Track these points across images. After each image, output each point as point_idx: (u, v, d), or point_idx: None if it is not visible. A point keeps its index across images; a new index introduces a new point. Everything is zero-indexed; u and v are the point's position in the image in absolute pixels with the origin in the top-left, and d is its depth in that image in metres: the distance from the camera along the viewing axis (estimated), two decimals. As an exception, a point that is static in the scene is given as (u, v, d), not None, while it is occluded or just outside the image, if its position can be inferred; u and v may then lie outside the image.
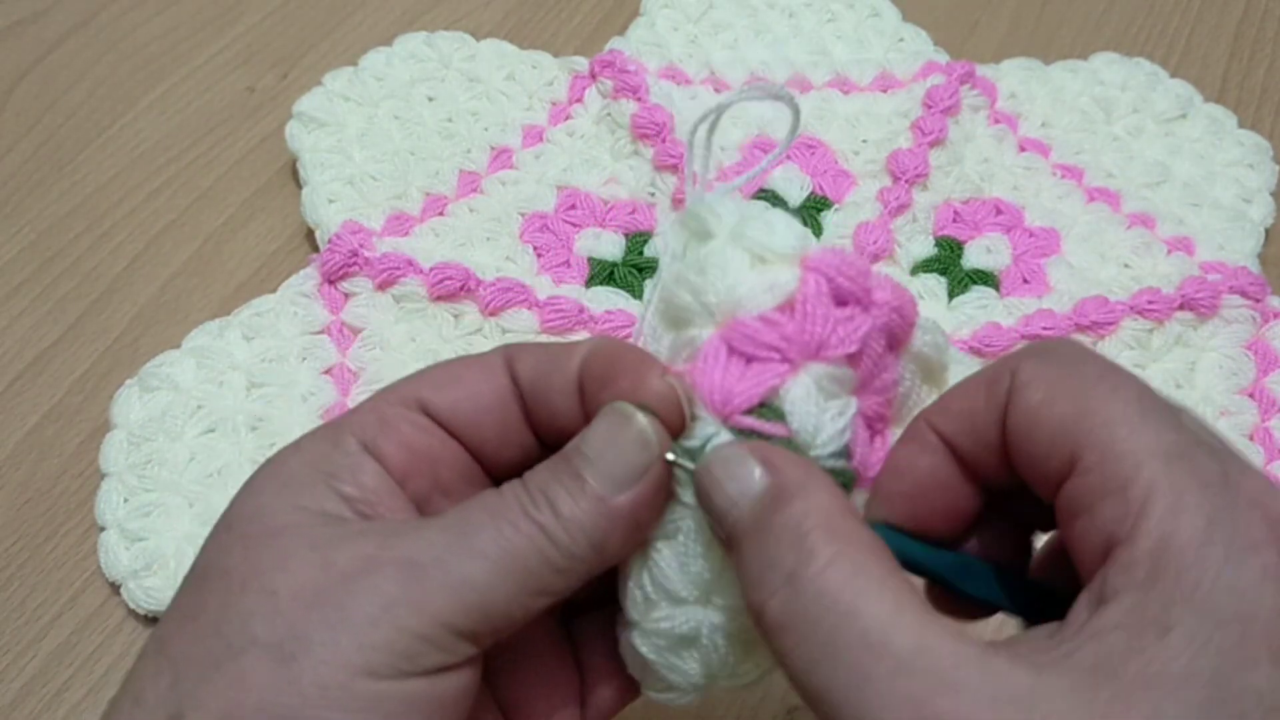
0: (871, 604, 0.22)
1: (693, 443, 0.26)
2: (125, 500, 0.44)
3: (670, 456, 0.25)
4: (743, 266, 0.26)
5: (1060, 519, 0.23)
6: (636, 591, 0.27)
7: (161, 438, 0.45)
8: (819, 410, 0.25)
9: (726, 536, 0.25)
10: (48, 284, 0.52)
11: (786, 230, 0.26)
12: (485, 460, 0.28)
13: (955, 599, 0.27)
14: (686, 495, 0.26)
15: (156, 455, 0.45)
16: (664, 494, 0.26)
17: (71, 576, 0.44)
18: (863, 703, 0.21)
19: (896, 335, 0.28)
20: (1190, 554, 0.21)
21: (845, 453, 0.26)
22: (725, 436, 0.25)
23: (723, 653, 0.26)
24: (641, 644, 0.27)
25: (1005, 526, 0.28)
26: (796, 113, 0.28)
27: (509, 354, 0.28)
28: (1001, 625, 0.28)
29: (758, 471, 0.24)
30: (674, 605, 0.26)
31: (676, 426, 0.26)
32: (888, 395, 0.28)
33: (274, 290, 0.50)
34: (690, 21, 0.61)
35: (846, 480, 0.26)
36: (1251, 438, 0.47)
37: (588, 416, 0.27)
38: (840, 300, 0.26)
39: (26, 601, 0.43)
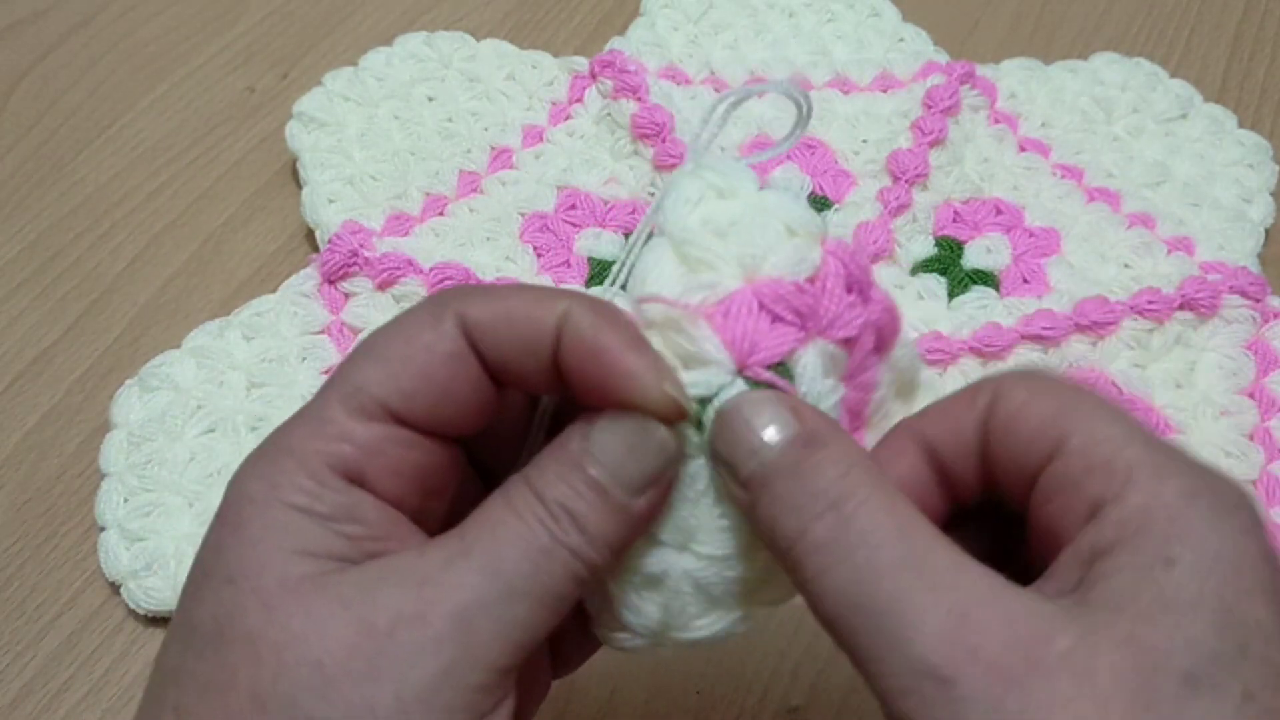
0: (914, 529, 0.23)
1: (701, 390, 0.26)
2: (125, 500, 0.44)
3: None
4: (779, 233, 0.27)
5: (1035, 502, 0.25)
6: None
7: (161, 438, 0.45)
8: (824, 382, 0.27)
9: (748, 477, 0.25)
10: (48, 284, 0.52)
11: (812, 212, 0.27)
12: (460, 434, 0.27)
13: None
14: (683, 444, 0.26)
15: (156, 455, 0.45)
16: (670, 491, 0.26)
17: (71, 576, 0.44)
18: (905, 614, 0.22)
19: (883, 337, 0.29)
20: (1178, 508, 0.22)
21: None
22: (739, 386, 0.26)
23: (685, 600, 0.27)
24: (609, 578, 0.27)
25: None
26: (807, 110, 0.29)
27: (464, 320, 0.25)
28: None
29: (785, 416, 0.25)
30: (651, 545, 0.27)
31: (676, 420, 0.25)
32: (867, 394, 0.29)
33: (274, 290, 0.50)
34: (690, 21, 0.61)
35: None
36: (1251, 438, 0.47)
37: (573, 395, 0.26)
38: (848, 288, 0.27)
39: (26, 601, 0.43)
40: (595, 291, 0.27)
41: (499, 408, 0.27)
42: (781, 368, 0.26)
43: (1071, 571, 0.23)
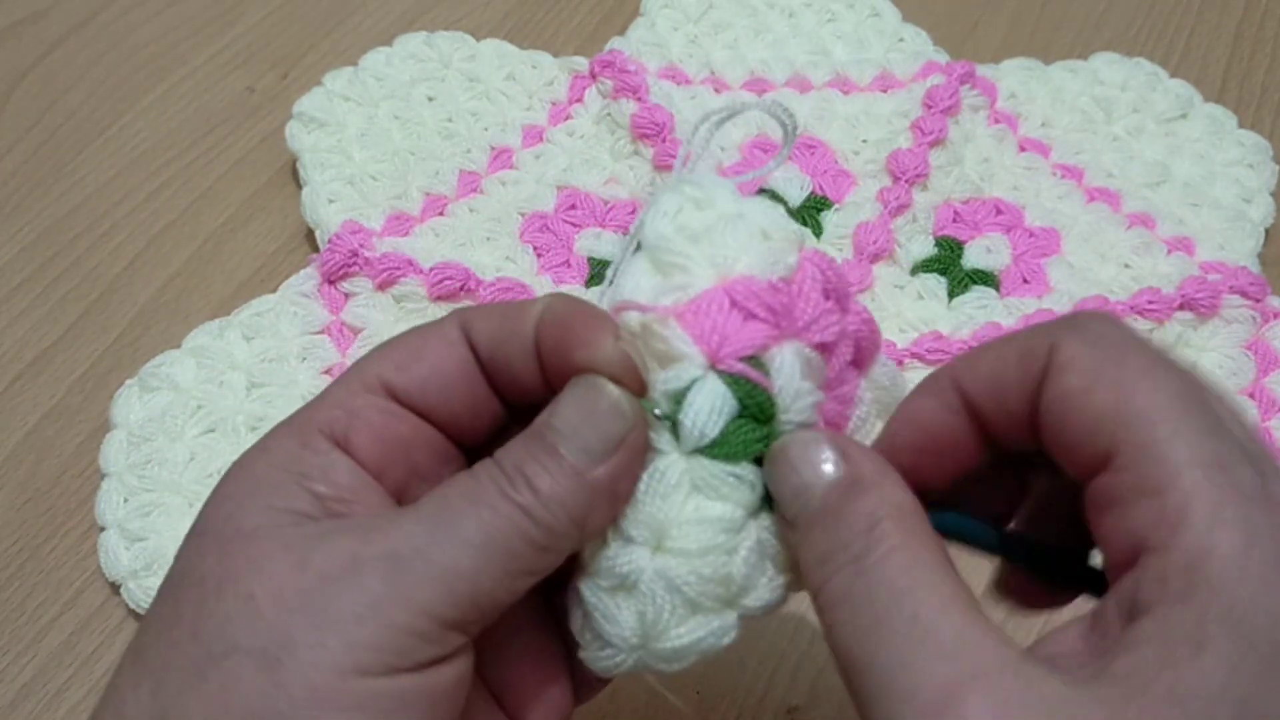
0: (927, 592, 0.22)
1: (676, 385, 0.26)
2: (125, 500, 0.44)
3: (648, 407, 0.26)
4: (754, 236, 0.27)
5: (1090, 507, 0.23)
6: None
7: (161, 438, 0.45)
8: (801, 382, 0.26)
9: (792, 518, 0.25)
10: (48, 284, 0.52)
11: (790, 221, 0.27)
12: (458, 435, 0.28)
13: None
14: (656, 440, 0.26)
15: (156, 455, 0.45)
16: (641, 462, 0.26)
17: (71, 576, 0.44)
18: (902, 680, 0.22)
19: (862, 350, 0.29)
20: (1227, 572, 0.20)
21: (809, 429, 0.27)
22: (711, 379, 0.26)
23: (661, 604, 0.26)
24: (584, 587, 0.27)
25: (1000, 479, 0.28)
26: (793, 129, 0.29)
27: (464, 320, 0.27)
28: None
29: (833, 459, 0.25)
30: (622, 544, 0.26)
31: (634, 387, 0.26)
32: (846, 409, 0.29)
33: (274, 290, 0.50)
34: (690, 21, 0.61)
35: None
36: (1251, 438, 0.47)
37: (549, 381, 0.27)
38: (825, 294, 0.27)
39: (26, 601, 0.43)
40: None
41: (495, 418, 0.28)
42: (756, 362, 0.26)
43: (1107, 625, 0.22)
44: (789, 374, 0.26)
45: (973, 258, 0.52)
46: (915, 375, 0.48)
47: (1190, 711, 0.20)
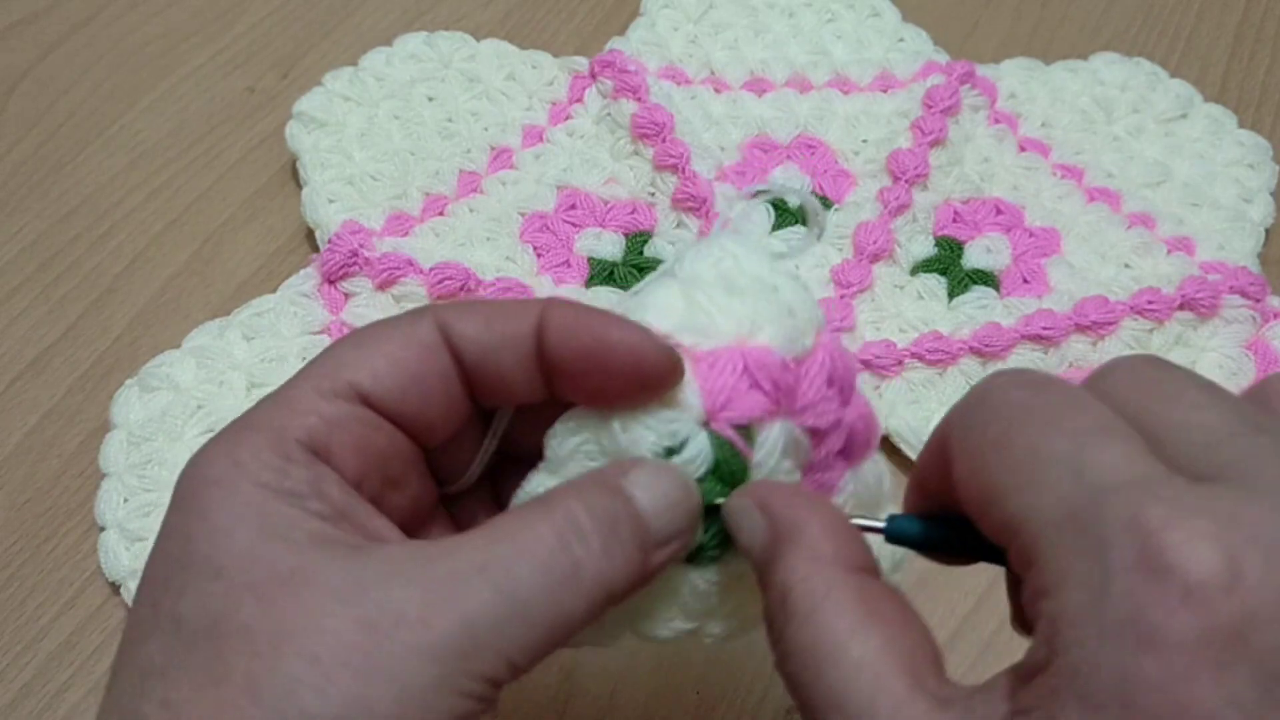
0: (834, 665, 0.22)
1: (668, 442, 0.26)
2: (125, 500, 0.44)
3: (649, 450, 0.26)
4: (782, 310, 0.27)
5: None
6: None
7: (161, 438, 0.45)
8: (780, 459, 0.27)
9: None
10: (48, 284, 0.52)
11: (815, 302, 0.28)
12: (426, 438, 0.27)
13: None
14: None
15: (156, 455, 0.45)
16: (684, 552, 0.27)
17: (71, 576, 0.44)
18: None
19: (855, 443, 0.29)
20: (1071, 635, 0.20)
21: None
22: (701, 438, 0.26)
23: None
24: None
25: None
26: (823, 223, 0.30)
27: (442, 322, 0.26)
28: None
29: (758, 519, 0.25)
30: None
31: (669, 386, 0.26)
32: (824, 493, 0.29)
33: (274, 290, 0.50)
34: (690, 21, 0.61)
35: None
36: (1251, 438, 0.47)
37: (560, 389, 0.26)
38: (829, 381, 0.28)
39: (26, 601, 0.43)
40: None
41: (467, 420, 0.27)
42: (746, 432, 0.27)
43: (1014, 684, 0.22)
44: (770, 450, 0.27)
45: (973, 258, 0.52)
46: (916, 375, 0.48)
47: None
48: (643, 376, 0.26)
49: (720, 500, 0.27)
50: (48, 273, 0.53)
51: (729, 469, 0.27)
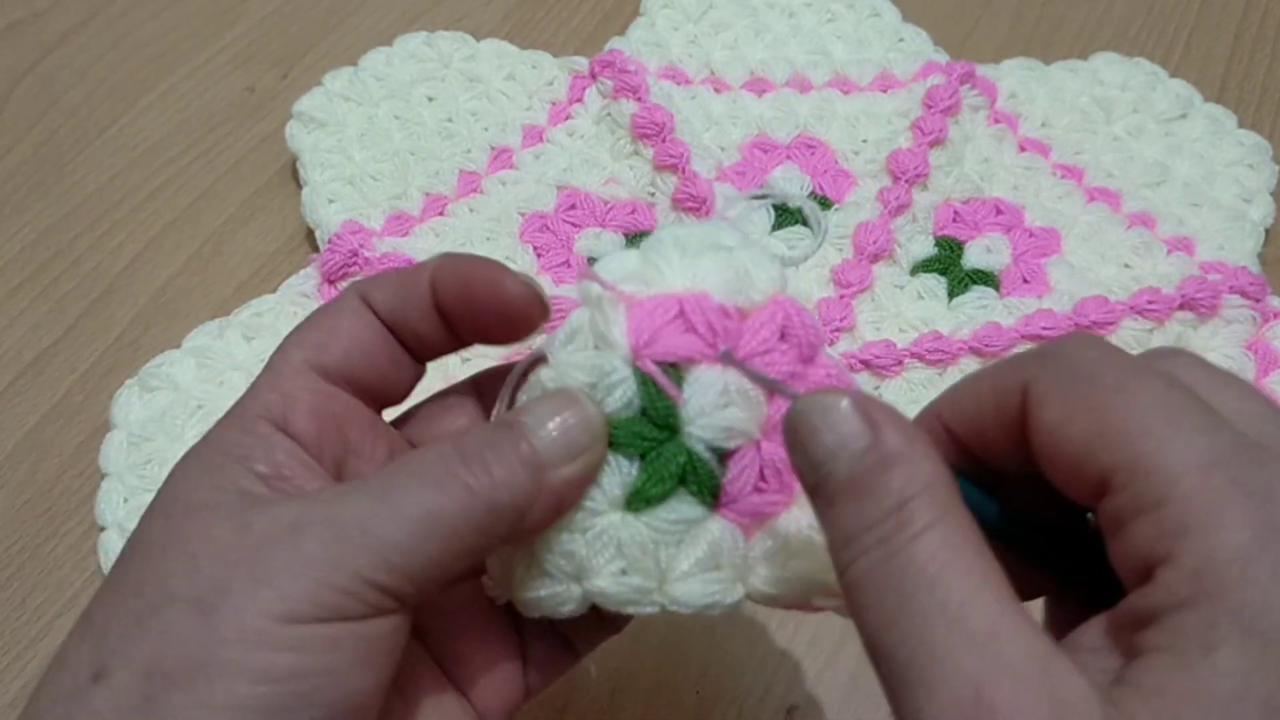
0: (957, 578, 0.22)
1: (592, 378, 0.27)
2: (125, 500, 0.44)
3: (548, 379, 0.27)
4: (733, 267, 0.28)
5: (1105, 535, 0.23)
6: None
7: (161, 438, 0.45)
8: (716, 401, 0.27)
9: (812, 489, 0.24)
10: (48, 284, 0.52)
11: (780, 275, 0.28)
12: (386, 398, 0.30)
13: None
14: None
15: (156, 455, 0.45)
16: (591, 480, 0.27)
17: (71, 576, 0.44)
18: (926, 670, 0.21)
19: None
20: (1235, 573, 0.20)
21: (720, 455, 0.27)
22: (622, 370, 0.27)
23: (515, 560, 0.28)
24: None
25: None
26: (824, 230, 0.30)
27: (362, 291, 0.29)
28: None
29: (860, 426, 0.24)
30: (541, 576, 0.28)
31: (536, 319, 0.28)
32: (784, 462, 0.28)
33: (274, 290, 0.50)
34: (690, 21, 0.61)
35: (705, 486, 0.27)
36: (1251, 438, 0.47)
37: (454, 335, 0.29)
38: (782, 336, 0.28)
39: (26, 601, 0.43)
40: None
41: (416, 375, 0.30)
42: (675, 373, 0.27)
43: (1121, 635, 0.22)
44: (702, 391, 0.27)
45: (973, 258, 0.52)
46: (916, 375, 0.48)
47: (1210, 714, 0.19)
48: (507, 309, 0.28)
49: (649, 442, 0.27)
50: (48, 273, 0.53)
51: (654, 407, 0.27)
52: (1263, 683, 0.19)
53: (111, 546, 0.43)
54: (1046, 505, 0.26)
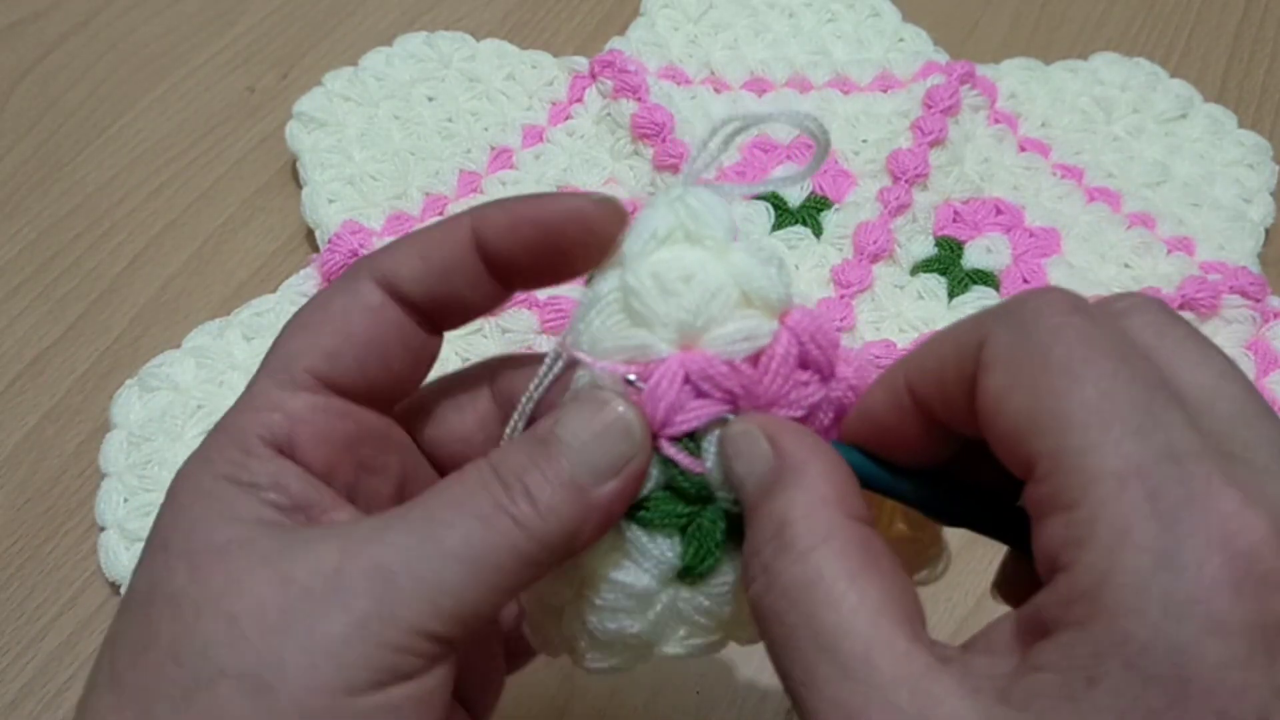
0: (832, 604, 0.22)
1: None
2: (125, 500, 0.44)
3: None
4: (732, 301, 0.25)
5: (1030, 519, 0.22)
6: None
7: (161, 438, 0.45)
8: None
9: (742, 512, 0.25)
10: (48, 284, 0.52)
11: (778, 279, 0.26)
12: (399, 395, 0.27)
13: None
14: None
15: (156, 455, 0.45)
16: (639, 488, 0.25)
17: (71, 576, 0.44)
18: (808, 701, 0.21)
19: (848, 414, 0.28)
20: (1127, 598, 0.19)
21: None
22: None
23: (575, 635, 0.27)
24: (523, 598, 0.28)
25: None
26: (825, 145, 0.27)
27: (379, 274, 0.26)
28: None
29: (764, 448, 0.24)
30: (553, 579, 0.27)
31: (617, 233, 0.26)
32: None
33: (274, 290, 0.50)
34: (690, 21, 0.61)
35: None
36: (1251, 438, 0.47)
37: (523, 284, 0.27)
38: (803, 364, 0.26)
39: (26, 601, 0.43)
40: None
41: (433, 358, 0.27)
42: (691, 440, 0.26)
43: (1024, 638, 0.21)
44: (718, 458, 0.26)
45: (973, 258, 0.52)
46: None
47: None
48: (593, 235, 0.25)
49: (684, 517, 0.26)
50: (48, 273, 0.53)
51: (680, 486, 0.26)
52: (1140, 716, 0.19)
53: (112, 546, 0.43)
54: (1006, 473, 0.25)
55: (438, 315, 0.27)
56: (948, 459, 0.26)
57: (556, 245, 0.26)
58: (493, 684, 0.30)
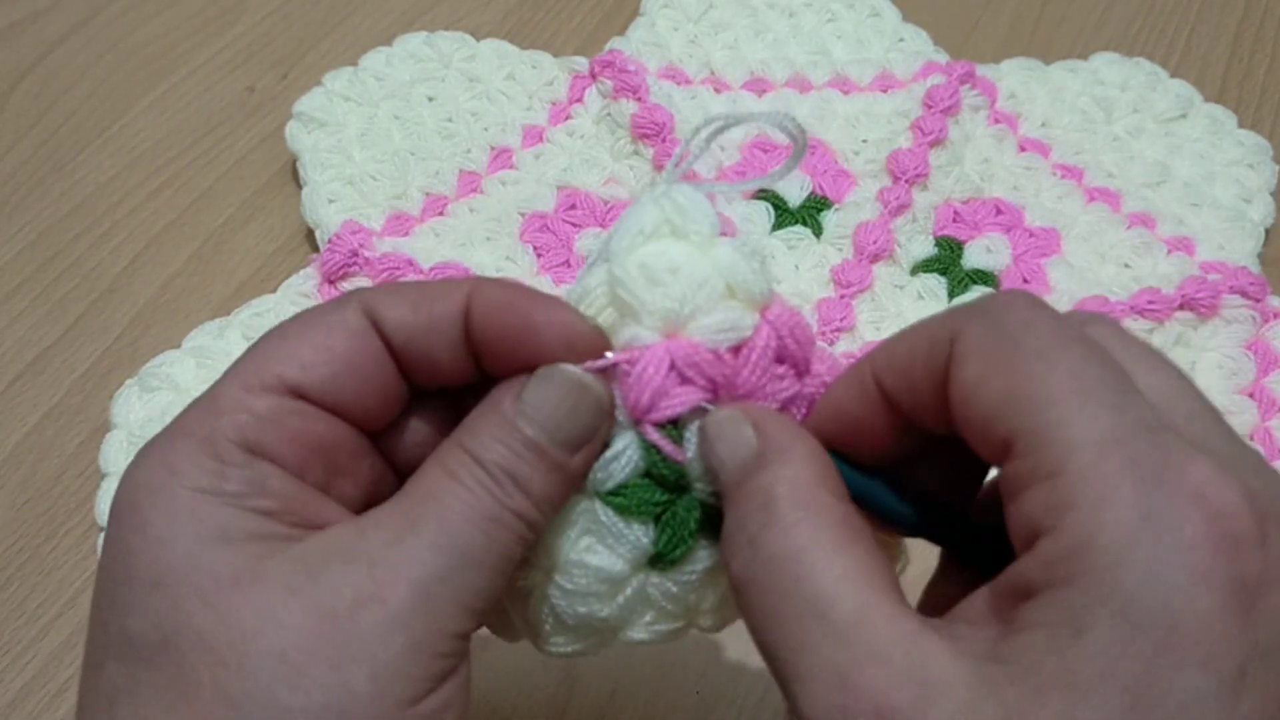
0: (820, 572, 0.22)
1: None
2: (125, 500, 0.44)
3: None
4: (717, 292, 0.26)
5: (1004, 500, 0.23)
6: None
7: (161, 438, 0.45)
8: None
9: (721, 493, 0.26)
10: (48, 284, 0.52)
11: (761, 274, 0.26)
12: (367, 423, 0.27)
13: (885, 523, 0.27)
14: None
15: (156, 455, 0.45)
16: (603, 443, 0.26)
17: (71, 576, 0.44)
18: (798, 665, 0.22)
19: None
20: (1113, 553, 0.20)
21: None
22: (630, 436, 0.26)
23: (541, 620, 0.28)
24: None
25: (955, 456, 0.26)
26: (802, 145, 0.28)
27: (368, 306, 0.26)
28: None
29: (748, 433, 0.25)
30: (523, 564, 0.27)
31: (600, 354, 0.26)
32: None
33: (274, 290, 0.50)
34: (690, 21, 0.61)
35: (720, 530, 0.26)
36: (1252, 437, 0.47)
37: (489, 368, 0.26)
38: (780, 358, 0.27)
39: (26, 601, 0.43)
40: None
41: (404, 401, 0.27)
42: (673, 428, 0.26)
43: (1002, 606, 0.22)
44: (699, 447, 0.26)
45: (973, 258, 0.52)
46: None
47: (1074, 696, 0.19)
48: (569, 352, 0.26)
49: (660, 505, 0.26)
50: (48, 273, 0.53)
51: (660, 472, 0.26)
52: (1128, 668, 0.19)
53: (111, 546, 0.43)
54: (962, 472, 0.26)
55: (411, 366, 0.26)
56: (903, 457, 0.26)
57: (527, 343, 0.26)
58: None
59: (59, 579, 0.44)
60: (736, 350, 0.26)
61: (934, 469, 0.27)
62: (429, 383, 0.27)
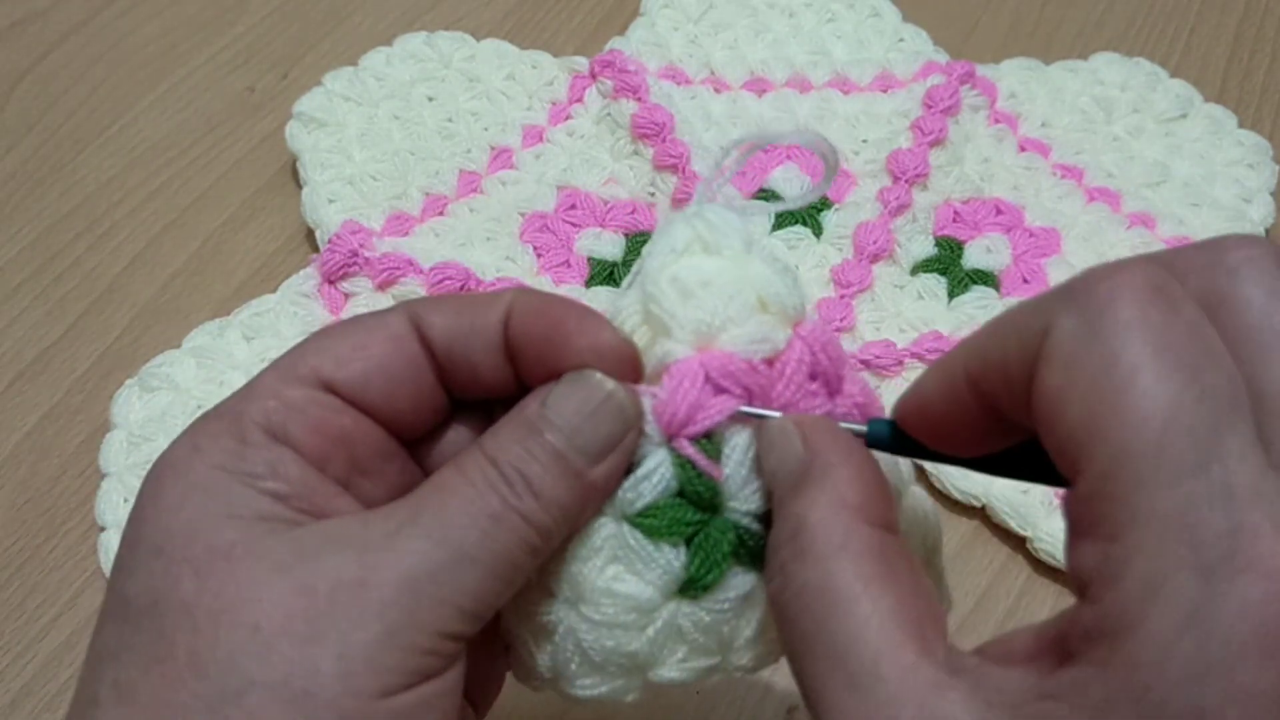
0: (843, 613, 0.22)
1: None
2: (125, 500, 0.44)
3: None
4: (749, 305, 0.26)
5: (1065, 521, 0.22)
6: None
7: (161, 438, 0.45)
8: (755, 469, 0.26)
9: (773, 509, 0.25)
10: (48, 284, 0.52)
11: (794, 289, 0.26)
12: (399, 430, 0.27)
13: None
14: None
15: (157, 455, 0.45)
16: (628, 461, 0.26)
17: (71, 576, 0.44)
18: (818, 706, 0.22)
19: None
20: (1150, 654, 0.18)
21: (765, 519, 0.26)
22: (661, 453, 0.26)
23: (567, 658, 0.26)
24: (508, 620, 0.27)
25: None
26: (834, 165, 0.27)
27: (414, 314, 0.26)
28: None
29: (796, 445, 0.24)
30: (544, 595, 0.26)
31: (633, 376, 0.26)
32: None
33: (274, 290, 0.50)
34: (690, 21, 0.61)
35: (755, 554, 0.26)
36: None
37: (524, 377, 0.26)
38: (812, 375, 0.26)
39: (26, 601, 0.43)
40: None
41: (443, 411, 0.27)
42: (709, 442, 0.26)
43: (1043, 649, 0.21)
44: (739, 461, 0.26)
45: (973, 258, 0.52)
46: (916, 375, 0.48)
47: None
48: (599, 363, 0.25)
49: (693, 526, 0.26)
50: (48, 273, 0.53)
51: (694, 489, 0.25)
52: None
53: (111, 547, 0.43)
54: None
55: (451, 373, 0.27)
56: (995, 450, 0.25)
57: (559, 350, 0.26)
58: (495, 677, 0.29)
59: (59, 579, 0.44)
60: (769, 363, 0.26)
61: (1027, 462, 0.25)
62: (469, 393, 0.27)
